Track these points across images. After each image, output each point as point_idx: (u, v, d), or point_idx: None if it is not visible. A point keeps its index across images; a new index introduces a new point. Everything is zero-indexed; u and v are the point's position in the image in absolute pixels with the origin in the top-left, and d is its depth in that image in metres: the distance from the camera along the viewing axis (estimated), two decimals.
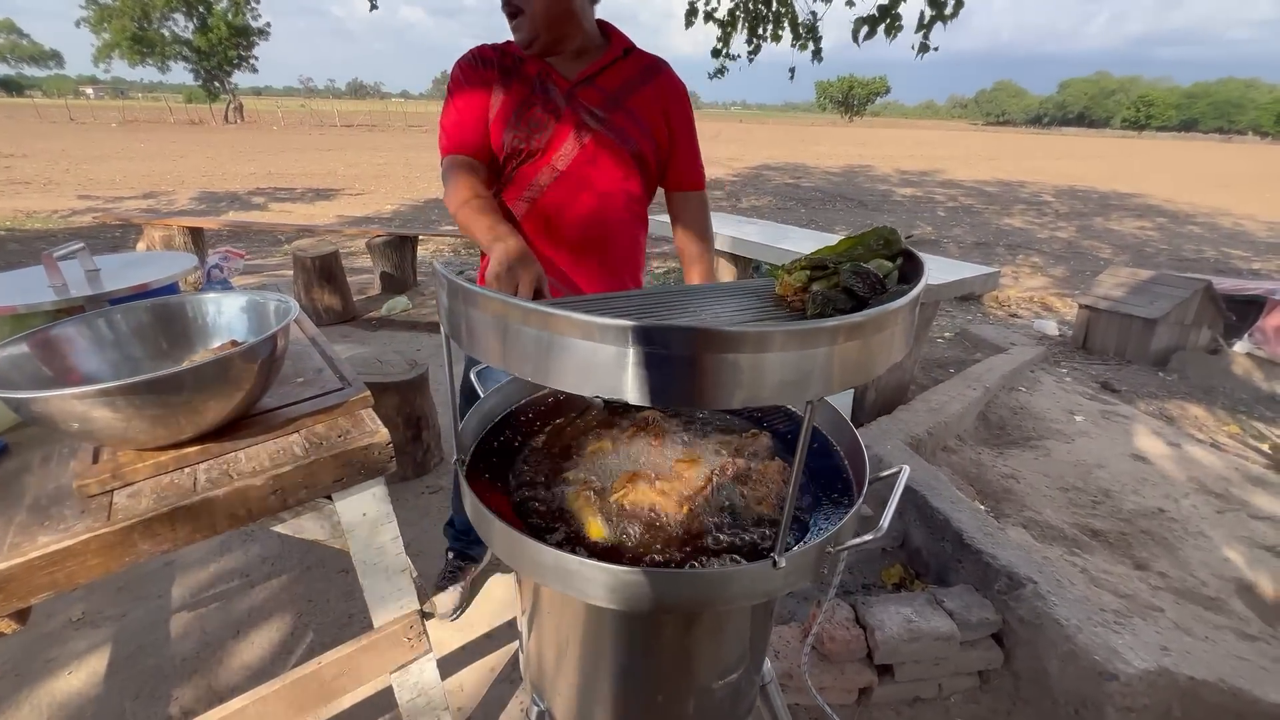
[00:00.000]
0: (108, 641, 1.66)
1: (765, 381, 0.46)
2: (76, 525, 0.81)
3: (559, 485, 0.75)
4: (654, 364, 0.46)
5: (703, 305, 0.66)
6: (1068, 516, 2.11)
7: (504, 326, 0.52)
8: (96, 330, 1.03)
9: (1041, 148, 37.38)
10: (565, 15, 1.19)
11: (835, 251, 0.67)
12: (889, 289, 0.60)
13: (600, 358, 0.47)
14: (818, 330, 0.45)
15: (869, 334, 0.47)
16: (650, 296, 0.70)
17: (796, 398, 0.47)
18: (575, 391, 0.53)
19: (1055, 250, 8.51)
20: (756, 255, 3.47)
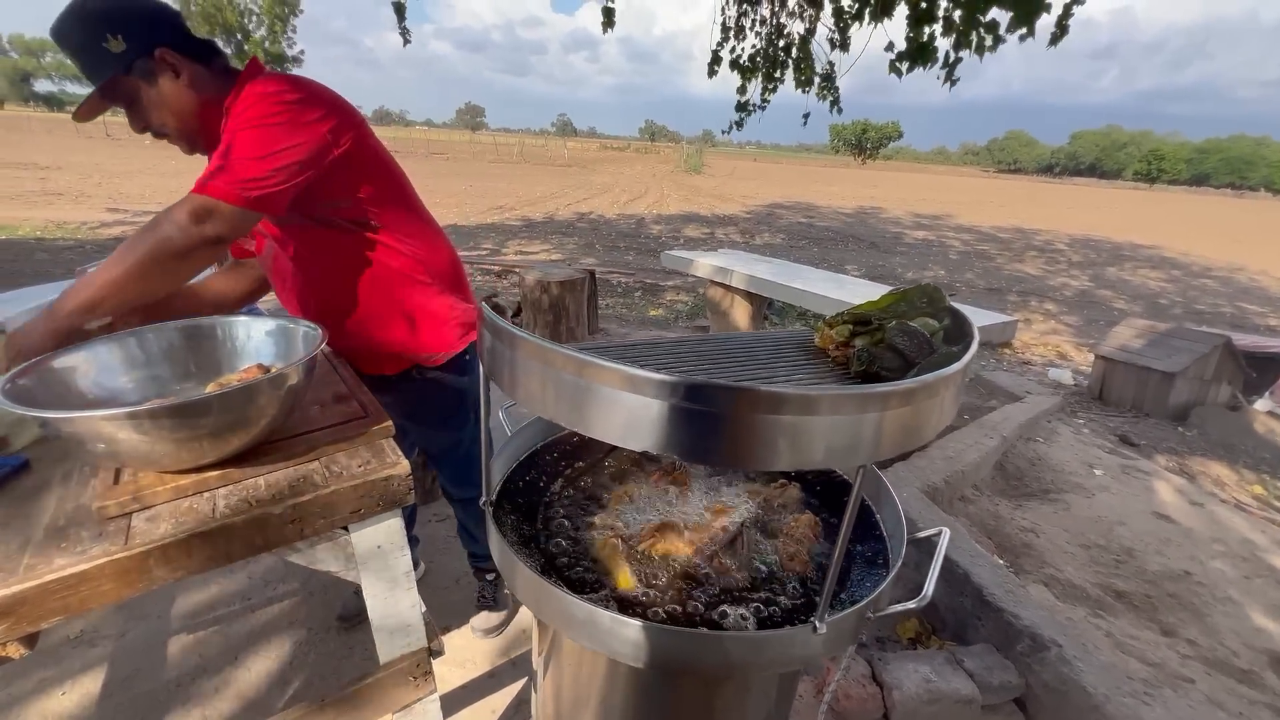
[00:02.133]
0: (104, 662, 1.63)
1: (813, 445, 0.45)
2: (93, 549, 0.79)
3: (586, 530, 0.74)
4: (697, 421, 0.45)
5: (742, 357, 0.66)
6: (1090, 575, 2.04)
7: (546, 372, 0.52)
8: (127, 349, 1.04)
9: (1054, 196, 37.71)
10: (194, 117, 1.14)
11: (878, 307, 0.67)
12: (937, 349, 0.59)
13: (642, 411, 0.46)
14: (871, 395, 0.44)
15: (921, 399, 0.46)
16: (688, 346, 0.69)
17: (845, 463, 0.46)
18: (615, 443, 0.52)
19: (1068, 298, 8.50)
20: (770, 294, 3.48)
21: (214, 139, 1.13)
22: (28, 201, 10.21)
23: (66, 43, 1.04)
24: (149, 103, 1.09)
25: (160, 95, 1.08)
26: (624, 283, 7.15)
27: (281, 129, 1.05)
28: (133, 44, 1.03)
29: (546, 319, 4.27)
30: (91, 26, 1.02)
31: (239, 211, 1.03)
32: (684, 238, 11.15)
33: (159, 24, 1.08)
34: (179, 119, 1.12)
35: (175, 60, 1.07)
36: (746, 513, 0.76)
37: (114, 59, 1.03)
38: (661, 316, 5.93)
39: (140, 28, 1.05)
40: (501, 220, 11.62)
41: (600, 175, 26.49)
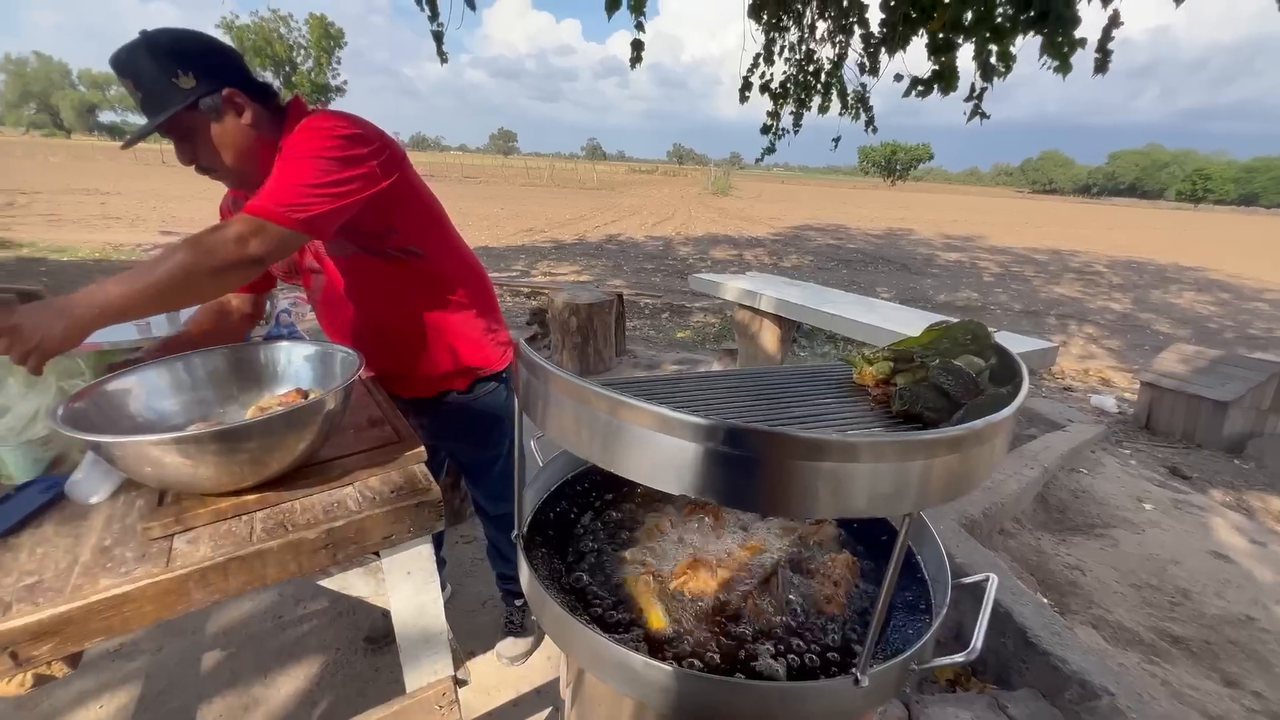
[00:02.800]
0: (140, 676, 1.66)
1: (855, 493, 0.44)
2: (136, 570, 0.81)
3: (617, 565, 0.73)
4: (733, 466, 0.44)
5: (779, 394, 0.64)
6: (1143, 618, 1.93)
7: (580, 409, 0.52)
8: (175, 373, 1.08)
9: (1092, 217, 36.76)
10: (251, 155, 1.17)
11: (919, 343, 0.65)
12: (984, 390, 0.57)
13: (676, 454, 0.46)
14: (918, 442, 0.42)
15: (970, 446, 0.44)
16: (722, 381, 0.68)
17: (889, 511, 0.45)
18: (649, 485, 0.51)
19: (1110, 322, 8.21)
20: (800, 318, 3.45)
21: (264, 176, 1.15)
22: (88, 225, 10.79)
23: (131, 74, 1.06)
24: (208, 139, 1.12)
25: (222, 132, 1.12)
26: (651, 304, 7.17)
27: (332, 160, 1.07)
28: (202, 81, 1.07)
29: (574, 341, 4.30)
30: (162, 61, 1.05)
31: (285, 232, 1.04)
32: (711, 259, 11.17)
33: (227, 64, 1.12)
34: (236, 156, 1.15)
35: (241, 100, 1.12)
36: (781, 551, 0.74)
37: (181, 94, 1.06)
38: (689, 339, 5.92)
39: (210, 66, 1.09)
40: (531, 242, 11.82)
41: (628, 198, 26.83)
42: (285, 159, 1.09)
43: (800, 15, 5.22)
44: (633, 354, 4.97)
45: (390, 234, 1.27)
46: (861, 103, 5.33)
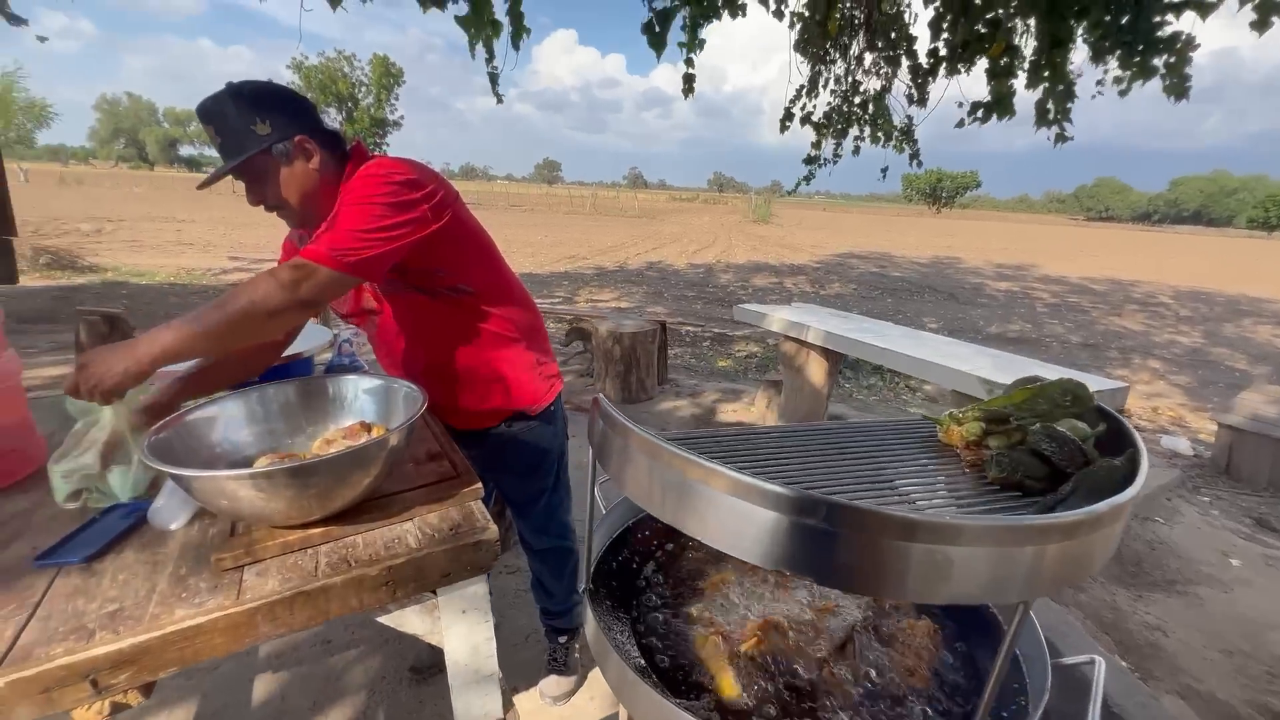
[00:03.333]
0: (196, 696, 1.70)
1: (959, 578, 0.40)
2: (209, 602, 0.83)
3: (683, 621, 0.70)
4: (820, 541, 0.42)
5: (860, 453, 0.62)
6: (1237, 690, 1.76)
7: (655, 467, 0.51)
8: (250, 405, 1.12)
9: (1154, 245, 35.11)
10: (317, 198, 1.23)
11: (1012, 402, 0.61)
12: (1090, 458, 0.53)
13: (758, 523, 0.44)
14: (1036, 528, 0.39)
15: (1090, 532, 0.41)
16: (797, 438, 0.66)
17: (995, 599, 0.41)
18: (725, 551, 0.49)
19: (1178, 357, 7.75)
20: (848, 351, 3.37)
21: (325, 215, 1.23)
22: (165, 250, 11.57)
23: (214, 121, 1.15)
24: (278, 181, 1.20)
25: (291, 175, 1.19)
26: (692, 332, 7.16)
27: (385, 205, 1.13)
28: (278, 128, 1.15)
29: (618, 369, 4.31)
30: (245, 109, 1.13)
31: (335, 276, 1.10)
32: (752, 287, 11.12)
33: (301, 113, 1.20)
34: (301, 197, 1.22)
35: (311, 146, 1.19)
36: (855, 612, 0.71)
37: (258, 139, 1.14)
38: (731, 368, 5.87)
39: (286, 115, 1.17)
40: (574, 269, 12.04)
41: (669, 225, 27.11)
42: (341, 205, 1.15)
43: (846, 48, 5.24)
44: (675, 383, 4.95)
45: (441, 274, 1.32)
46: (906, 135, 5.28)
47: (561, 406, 1.63)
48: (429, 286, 1.32)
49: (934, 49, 4.10)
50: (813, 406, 3.72)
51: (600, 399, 0.57)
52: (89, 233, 13.30)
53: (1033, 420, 0.57)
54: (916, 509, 0.41)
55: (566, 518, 1.72)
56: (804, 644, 0.65)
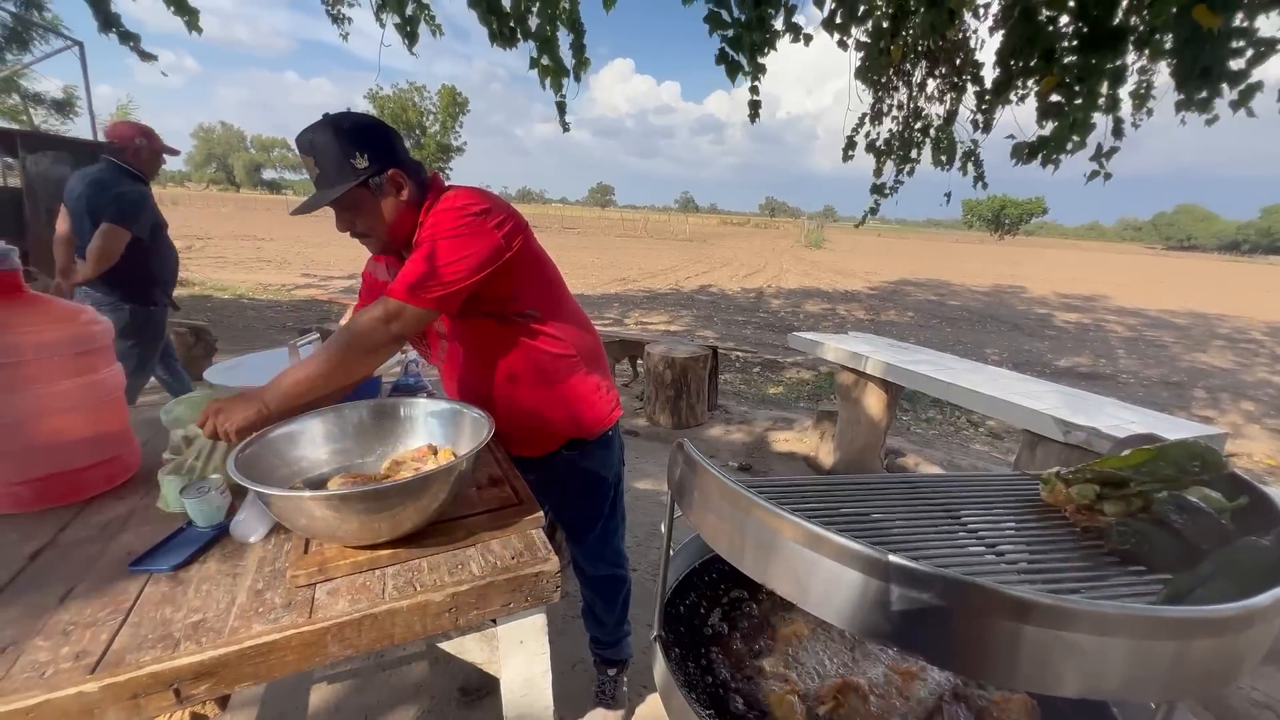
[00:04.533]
0: (256, 705, 1.75)
1: (1099, 673, 0.36)
2: (284, 619, 0.86)
3: (755, 674, 0.67)
4: (919, 614, 0.38)
5: (955, 510, 0.58)
6: None
7: (737, 517, 0.49)
8: (327, 424, 1.16)
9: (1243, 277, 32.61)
10: (401, 228, 1.29)
11: (1130, 464, 0.56)
12: (1231, 536, 0.48)
13: (848, 586, 0.41)
14: (1177, 621, 0.35)
15: (1238, 629, 0.36)
16: (886, 488, 0.63)
17: (1127, 696, 0.37)
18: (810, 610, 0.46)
19: (1274, 398, 7.10)
20: (909, 384, 3.25)
21: (405, 242, 1.31)
22: (245, 266, 12.41)
23: (313, 152, 1.21)
24: (370, 212, 1.26)
25: (383, 207, 1.26)
26: (743, 358, 7.08)
27: (463, 239, 1.20)
28: (375, 161, 1.22)
29: (668, 394, 4.30)
30: (345, 142, 1.20)
31: (421, 312, 1.19)
32: (804, 313, 10.94)
33: (393, 147, 1.26)
34: (388, 227, 1.28)
35: (402, 180, 1.25)
36: (943, 679, 0.66)
37: (355, 172, 1.21)
38: (782, 395, 5.75)
39: (382, 150, 1.23)
40: (625, 291, 12.17)
41: (720, 249, 27.12)
42: (421, 239, 1.21)
43: (909, 75, 5.16)
44: (725, 409, 4.88)
45: (511, 299, 1.35)
46: (971, 158, 5.12)
47: (619, 432, 1.62)
48: (499, 312, 1.35)
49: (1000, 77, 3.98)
50: (869, 439, 3.59)
51: (685, 443, 0.56)
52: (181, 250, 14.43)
53: (1157, 486, 0.51)
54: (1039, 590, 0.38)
55: (621, 544, 1.70)
56: (886, 711, 0.61)
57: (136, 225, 2.71)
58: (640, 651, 2.02)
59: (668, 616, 0.76)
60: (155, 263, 2.92)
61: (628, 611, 1.79)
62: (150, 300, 2.94)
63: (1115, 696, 0.37)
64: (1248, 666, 0.38)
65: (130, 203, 2.69)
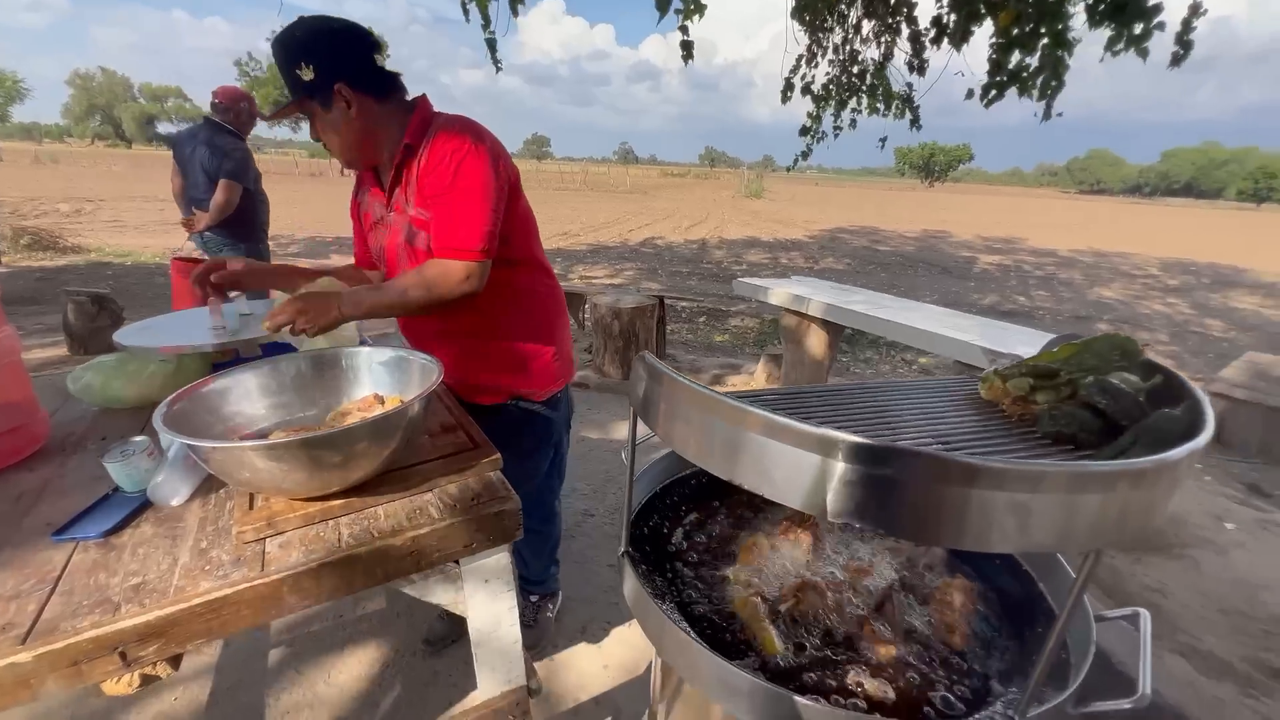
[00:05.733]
0: (211, 671, 1.71)
1: (1032, 526, 0.40)
2: (234, 574, 0.82)
3: (719, 584, 0.70)
4: (882, 489, 0.41)
5: (908, 410, 0.61)
6: (1235, 647, 1.81)
7: (706, 421, 0.50)
8: (263, 377, 1.10)
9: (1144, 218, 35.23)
10: (355, 144, 1.27)
11: (1060, 359, 0.61)
12: (1148, 412, 0.52)
13: (816, 472, 0.43)
14: (1103, 474, 0.38)
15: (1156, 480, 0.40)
16: (843, 396, 0.65)
17: (1059, 548, 0.41)
18: (779, 501, 0.48)
19: (1166, 327, 7.83)
20: (851, 323, 3.37)
21: (373, 161, 1.32)
22: (149, 231, 11.32)
23: (275, 58, 1.20)
24: (321, 125, 1.24)
25: (331, 121, 1.22)
26: (688, 308, 7.13)
27: (487, 186, 1.21)
28: (319, 75, 1.17)
29: (617, 345, 4.30)
30: (291, 53, 1.17)
31: (485, 265, 1.24)
32: (747, 263, 11.07)
33: (345, 60, 1.20)
34: (341, 143, 1.26)
35: (349, 95, 1.20)
36: (891, 573, 0.71)
37: (302, 84, 1.18)
38: (727, 342, 5.87)
39: (327, 62, 1.18)
40: (568, 246, 11.92)
41: (661, 201, 26.84)
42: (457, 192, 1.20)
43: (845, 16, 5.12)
44: (673, 358, 4.94)
45: (503, 244, 1.30)
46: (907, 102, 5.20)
47: (569, 395, 1.62)
48: None
49: (937, 16, 4.02)
50: (814, 378, 3.73)
51: (646, 355, 0.56)
52: (69, 213, 12.98)
53: (1083, 374, 0.56)
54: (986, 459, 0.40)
55: (554, 502, 1.74)
56: (842, 604, 0.65)
57: (246, 178, 3.29)
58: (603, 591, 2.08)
59: (635, 536, 0.78)
60: (258, 209, 3.50)
61: (554, 556, 1.87)
62: (256, 239, 3.56)
63: (1048, 548, 0.40)
64: (1159, 515, 0.43)
65: (240, 160, 3.26)
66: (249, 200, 3.39)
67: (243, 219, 3.39)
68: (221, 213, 3.27)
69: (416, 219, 1.28)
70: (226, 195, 3.24)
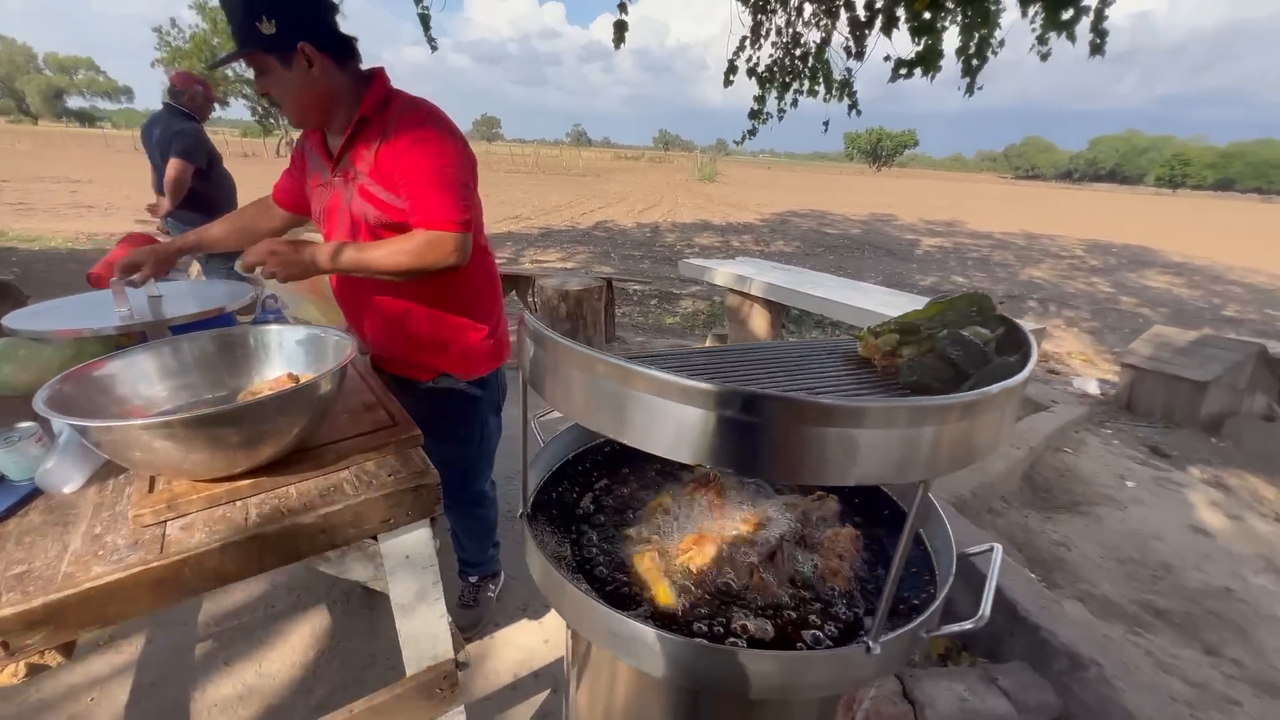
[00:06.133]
0: (131, 668, 1.64)
1: (867, 459, 0.43)
2: (130, 557, 0.80)
3: (622, 543, 0.72)
4: (747, 433, 0.44)
5: (786, 367, 0.64)
6: (1127, 591, 1.98)
7: (590, 381, 0.51)
8: (162, 358, 1.05)
9: (1072, 202, 37.21)
10: (312, 104, 1.25)
11: (925, 315, 0.65)
12: (991, 360, 0.57)
13: (690, 422, 0.45)
14: (930, 408, 0.42)
15: (981, 413, 0.44)
16: (728, 356, 0.68)
17: (901, 477, 0.45)
18: (660, 454, 0.50)
19: (1088, 305, 8.34)
20: (790, 302, 3.46)
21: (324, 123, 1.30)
22: (59, 214, 10.49)
23: (228, 7, 1.16)
24: (276, 80, 1.20)
25: (289, 78, 1.19)
26: (639, 291, 7.15)
27: (462, 166, 1.24)
28: (281, 30, 1.13)
29: (564, 328, 4.28)
30: (252, 4, 1.12)
31: (469, 239, 1.25)
32: (698, 246, 11.15)
33: (309, 18, 1.18)
34: (296, 102, 1.23)
35: (312, 54, 1.18)
36: (784, 526, 0.75)
37: (262, 38, 1.14)
38: (678, 324, 5.92)
39: (292, 18, 1.15)
40: (519, 229, 11.71)
41: (614, 184, 26.64)
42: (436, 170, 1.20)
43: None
44: (622, 340, 4.96)
45: None
46: (846, 87, 5.31)
47: (501, 378, 1.61)
48: None
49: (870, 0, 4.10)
50: None
51: (526, 316, 0.57)
52: None
53: (942, 329, 0.60)
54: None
55: (483, 485, 1.73)
56: (736, 555, 0.69)
57: (195, 157, 3.23)
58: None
59: (540, 503, 0.79)
60: (216, 191, 3.40)
61: (492, 539, 1.87)
62: None
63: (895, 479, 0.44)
64: (990, 447, 0.47)
65: (191, 140, 3.21)
66: (204, 181, 3.35)
67: (200, 201, 3.32)
68: (174, 193, 3.22)
69: (365, 190, 1.26)
70: (175, 174, 3.19)
